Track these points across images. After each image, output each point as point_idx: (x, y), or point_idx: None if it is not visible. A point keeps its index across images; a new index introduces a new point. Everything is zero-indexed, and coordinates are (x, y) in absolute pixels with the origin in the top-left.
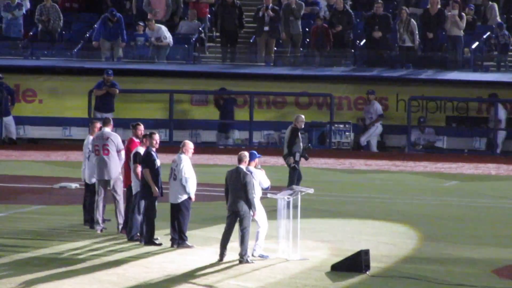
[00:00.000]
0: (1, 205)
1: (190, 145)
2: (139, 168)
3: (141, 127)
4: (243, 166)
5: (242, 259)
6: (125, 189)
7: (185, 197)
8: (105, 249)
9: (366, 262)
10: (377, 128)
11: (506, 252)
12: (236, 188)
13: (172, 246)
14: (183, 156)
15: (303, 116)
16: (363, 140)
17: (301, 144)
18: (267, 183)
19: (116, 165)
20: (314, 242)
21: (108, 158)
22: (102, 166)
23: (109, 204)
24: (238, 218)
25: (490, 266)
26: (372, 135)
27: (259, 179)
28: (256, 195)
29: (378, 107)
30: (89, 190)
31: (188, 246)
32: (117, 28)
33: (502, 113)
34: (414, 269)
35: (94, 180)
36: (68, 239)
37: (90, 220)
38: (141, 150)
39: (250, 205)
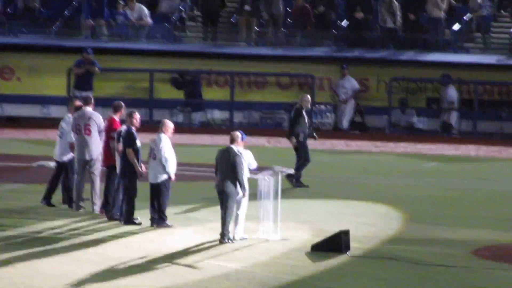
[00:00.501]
0: None
1: (169, 125)
2: (120, 147)
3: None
4: (234, 146)
5: (223, 239)
6: (104, 168)
7: (164, 177)
8: (84, 228)
9: (346, 242)
10: (352, 105)
11: (485, 232)
12: (225, 167)
13: (151, 225)
14: (162, 135)
15: (308, 96)
16: (345, 123)
17: (306, 124)
18: (255, 164)
19: (97, 145)
20: (295, 222)
21: (89, 138)
22: (83, 146)
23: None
24: (224, 197)
25: (469, 247)
26: (349, 113)
27: (248, 160)
28: (244, 176)
29: (354, 82)
30: (60, 169)
31: (168, 226)
32: (99, 6)
33: (454, 94)
34: (394, 250)
35: (65, 158)
36: (46, 218)
37: (46, 197)
38: (123, 129)
39: (240, 185)
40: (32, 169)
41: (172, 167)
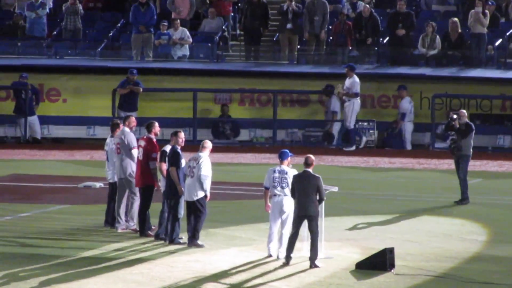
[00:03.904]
0: (25, 204)
1: (209, 144)
2: (164, 167)
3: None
4: (310, 170)
5: (312, 263)
6: (137, 187)
7: (201, 194)
8: (129, 248)
9: (391, 260)
10: (356, 108)
11: None
12: (304, 191)
13: (188, 244)
14: (204, 154)
15: (463, 111)
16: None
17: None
18: None
19: (127, 163)
20: (339, 240)
21: (119, 157)
22: (118, 165)
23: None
24: (307, 221)
25: None
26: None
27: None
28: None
29: (357, 85)
30: (112, 189)
31: (198, 245)
32: (149, 15)
33: (407, 106)
34: (439, 267)
35: (116, 178)
36: (92, 238)
37: (110, 220)
38: (168, 148)
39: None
40: (78, 190)
41: (209, 186)
